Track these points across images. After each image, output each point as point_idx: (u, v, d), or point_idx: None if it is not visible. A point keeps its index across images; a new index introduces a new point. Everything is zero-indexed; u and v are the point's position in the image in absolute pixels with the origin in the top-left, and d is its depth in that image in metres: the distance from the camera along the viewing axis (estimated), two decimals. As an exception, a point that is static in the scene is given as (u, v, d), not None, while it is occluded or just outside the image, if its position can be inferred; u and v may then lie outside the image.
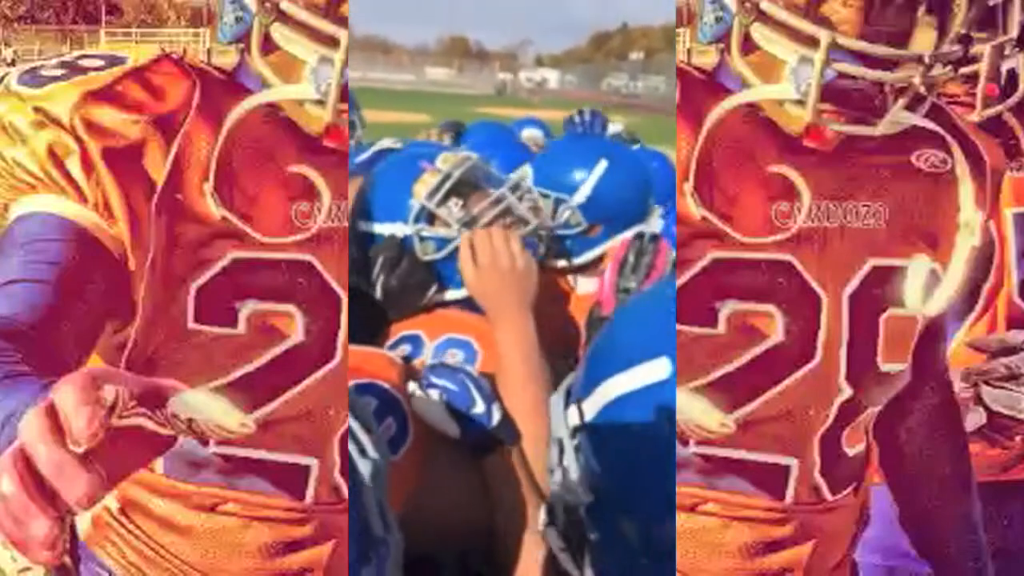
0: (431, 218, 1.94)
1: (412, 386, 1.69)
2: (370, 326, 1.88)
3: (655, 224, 2.33)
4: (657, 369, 1.03)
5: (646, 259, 2.17)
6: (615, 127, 4.65)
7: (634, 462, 1.04)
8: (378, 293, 1.93)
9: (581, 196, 2.62)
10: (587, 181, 2.65)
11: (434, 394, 1.68)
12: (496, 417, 1.68)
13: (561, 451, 1.09)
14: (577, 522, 1.08)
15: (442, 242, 1.93)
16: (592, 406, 1.07)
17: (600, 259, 2.54)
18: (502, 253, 1.84)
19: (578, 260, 2.52)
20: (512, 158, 3.50)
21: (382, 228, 1.95)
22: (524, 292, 1.83)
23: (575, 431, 1.08)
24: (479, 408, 1.68)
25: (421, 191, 1.94)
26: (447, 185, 1.94)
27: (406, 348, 1.88)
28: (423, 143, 4.27)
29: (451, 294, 1.96)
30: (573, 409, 1.09)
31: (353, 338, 1.67)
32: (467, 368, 1.76)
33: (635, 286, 2.15)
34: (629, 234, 2.32)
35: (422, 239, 1.93)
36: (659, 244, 2.17)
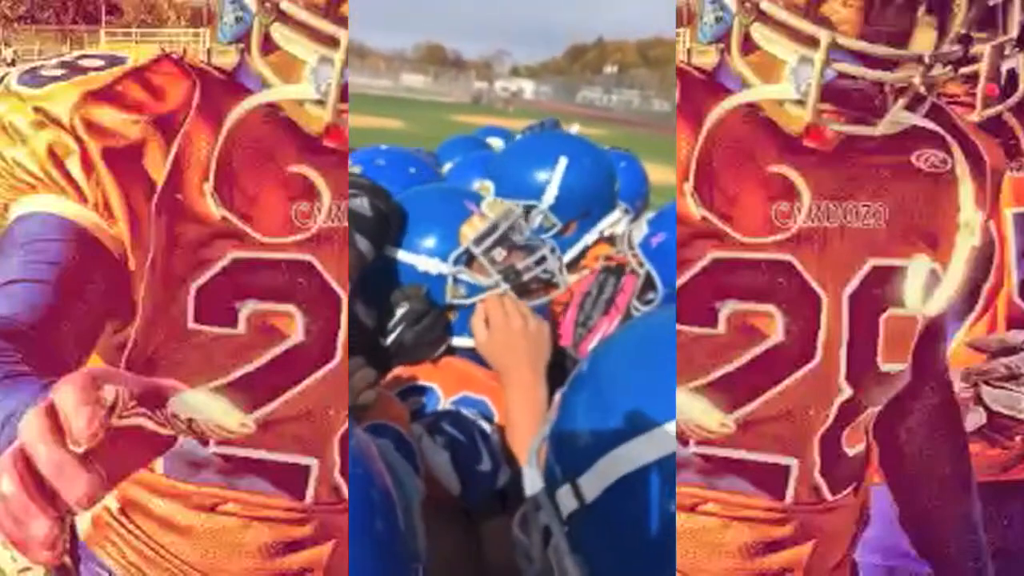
0: (469, 262, 1.92)
1: (419, 429, 1.63)
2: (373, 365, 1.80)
3: (620, 226, 2.29)
4: (671, 436, 0.84)
5: (606, 295, 2.17)
6: (573, 127, 4.58)
7: (652, 551, 0.85)
8: (389, 341, 1.87)
9: (549, 198, 2.57)
10: (552, 181, 2.60)
11: (441, 442, 1.63)
12: (503, 480, 1.60)
13: (547, 538, 0.90)
14: None
15: (474, 289, 1.91)
16: (593, 485, 0.87)
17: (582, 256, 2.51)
18: (514, 315, 1.83)
19: (565, 258, 2.48)
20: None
21: (416, 260, 1.91)
22: (535, 354, 1.80)
23: (571, 516, 0.88)
24: (485, 466, 1.63)
25: (469, 234, 1.91)
26: (496, 234, 1.92)
27: (420, 400, 1.84)
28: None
29: (461, 341, 1.93)
30: (567, 489, 0.89)
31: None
32: (482, 423, 1.70)
33: (592, 320, 2.15)
34: (598, 267, 2.31)
35: (456, 281, 1.91)
36: (623, 283, 2.17)
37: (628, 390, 0.91)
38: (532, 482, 0.93)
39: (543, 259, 1.98)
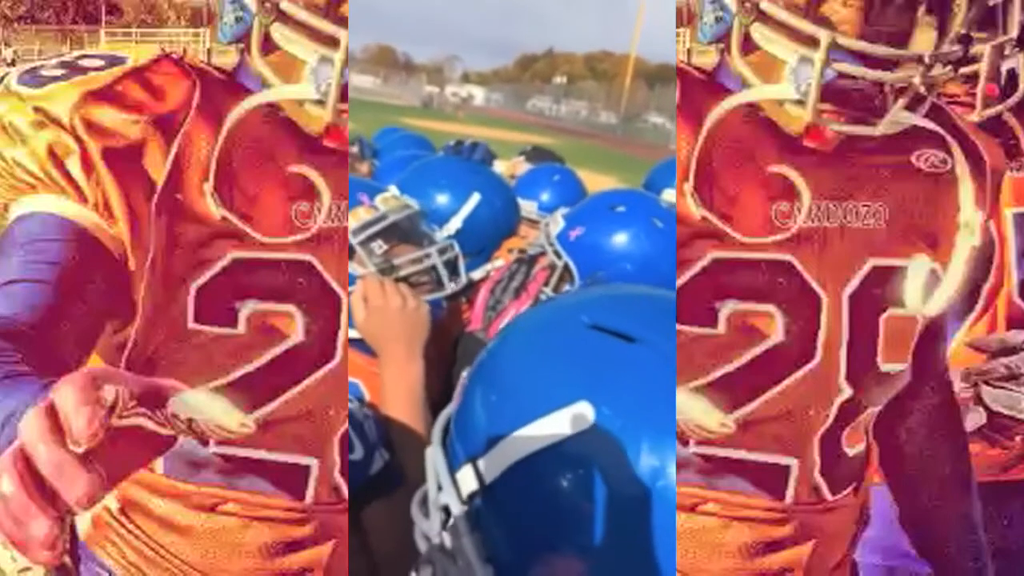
0: (350, 253, 1.87)
1: None
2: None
3: (551, 232, 2.27)
4: (577, 417, 0.84)
5: (516, 283, 2.16)
6: (498, 166, 4.52)
7: (552, 532, 0.85)
8: None
9: (451, 228, 2.55)
10: (458, 214, 2.57)
11: None
12: (377, 464, 1.59)
13: (447, 519, 0.90)
14: None
15: (352, 280, 1.86)
16: (492, 466, 0.88)
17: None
18: (392, 295, 1.81)
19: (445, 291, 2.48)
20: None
21: None
22: (413, 333, 1.79)
23: (470, 497, 0.89)
24: (357, 455, 1.60)
25: (351, 223, 1.89)
26: (378, 226, 1.90)
27: None
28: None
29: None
30: (467, 470, 0.89)
31: None
32: (353, 410, 1.66)
33: (502, 304, 2.14)
34: (511, 258, 2.30)
35: None
36: (535, 272, 2.17)
37: (524, 374, 0.91)
38: (434, 461, 0.93)
39: (424, 257, 1.96)
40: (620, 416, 0.85)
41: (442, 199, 2.64)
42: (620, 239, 2.07)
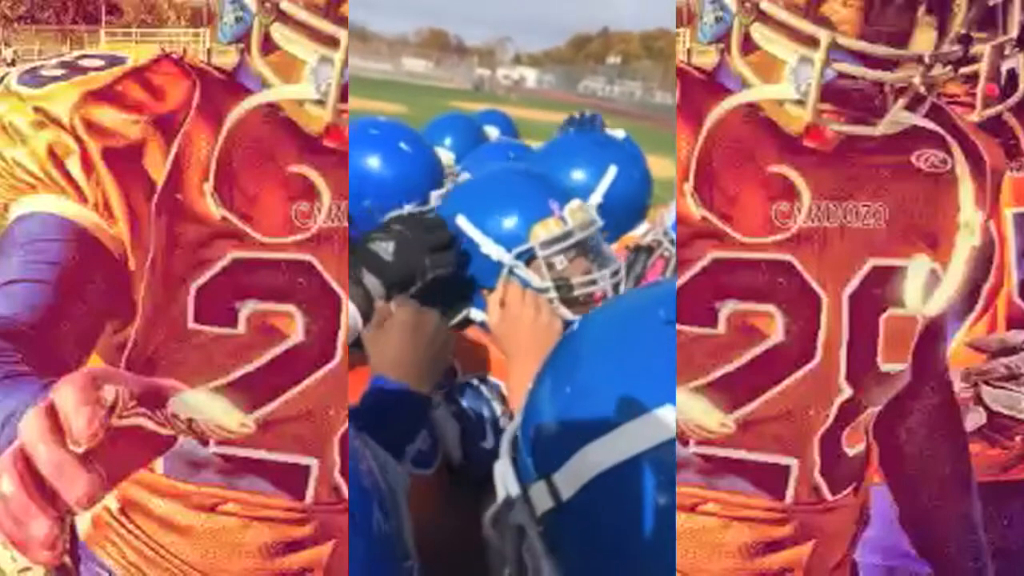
0: (529, 260, 1.89)
1: (438, 398, 1.65)
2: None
3: (666, 222, 2.24)
4: (662, 424, 0.76)
5: (636, 272, 2.15)
6: (618, 132, 4.43)
7: (636, 552, 0.77)
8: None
9: (592, 205, 2.53)
10: (597, 189, 2.52)
11: (452, 411, 1.65)
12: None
13: (521, 539, 0.81)
14: None
15: (525, 285, 1.87)
16: (570, 481, 0.79)
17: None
18: (528, 306, 1.82)
19: None
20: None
21: (483, 241, 1.89)
22: (539, 348, 1.78)
23: (545, 515, 0.81)
24: (488, 443, 1.64)
25: (540, 234, 1.88)
26: (566, 243, 1.89)
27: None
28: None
29: (478, 314, 1.91)
30: (541, 486, 0.81)
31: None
32: (495, 403, 1.72)
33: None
34: (632, 244, 2.28)
35: (510, 273, 1.88)
36: (654, 261, 2.15)
37: (602, 376, 0.83)
38: (504, 477, 0.85)
39: (597, 281, 1.94)
40: None
41: (578, 177, 2.56)
42: None
